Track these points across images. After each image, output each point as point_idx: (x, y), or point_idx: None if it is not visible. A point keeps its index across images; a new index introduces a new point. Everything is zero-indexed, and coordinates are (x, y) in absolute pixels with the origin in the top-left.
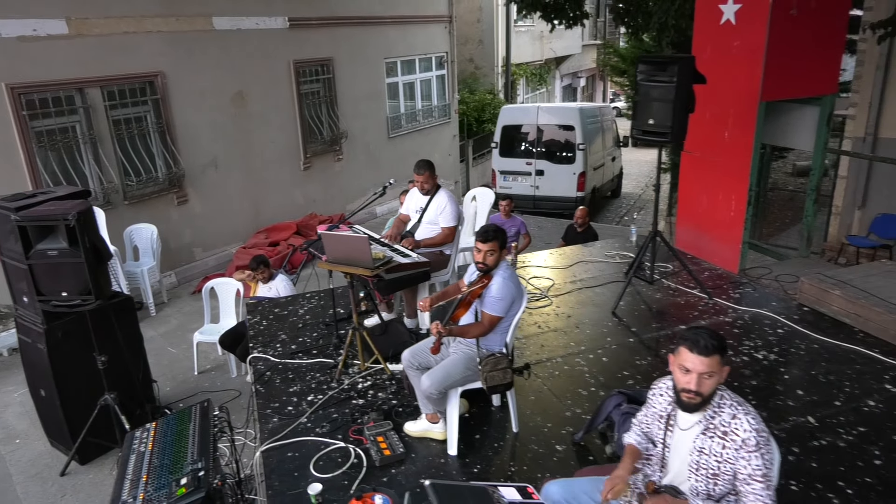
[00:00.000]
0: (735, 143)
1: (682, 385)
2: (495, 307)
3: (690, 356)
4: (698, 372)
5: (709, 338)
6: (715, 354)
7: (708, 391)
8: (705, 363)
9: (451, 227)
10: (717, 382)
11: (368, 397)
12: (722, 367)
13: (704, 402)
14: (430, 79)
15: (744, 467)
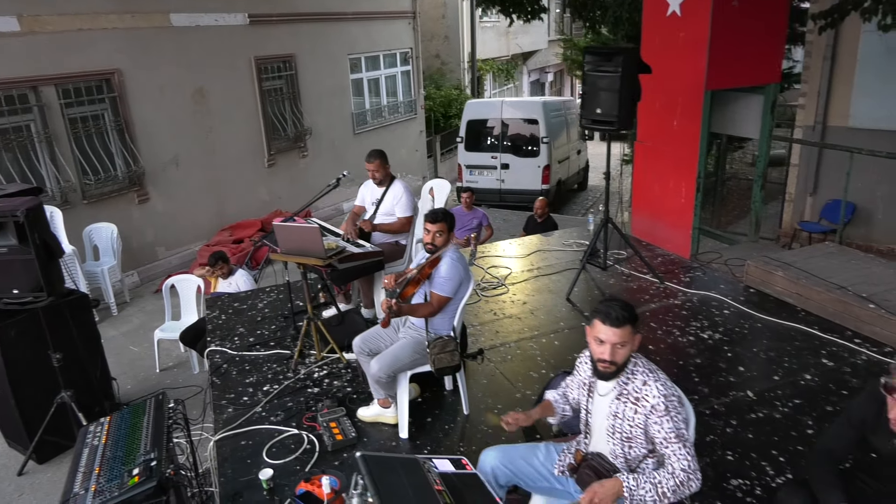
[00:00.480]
0: (683, 132)
1: (597, 355)
2: (444, 287)
3: (604, 328)
4: (611, 342)
5: (620, 309)
6: (626, 325)
7: (622, 360)
8: (617, 334)
9: (408, 217)
10: (629, 351)
11: (324, 386)
12: (634, 337)
13: (619, 370)
14: (396, 75)
15: (658, 432)
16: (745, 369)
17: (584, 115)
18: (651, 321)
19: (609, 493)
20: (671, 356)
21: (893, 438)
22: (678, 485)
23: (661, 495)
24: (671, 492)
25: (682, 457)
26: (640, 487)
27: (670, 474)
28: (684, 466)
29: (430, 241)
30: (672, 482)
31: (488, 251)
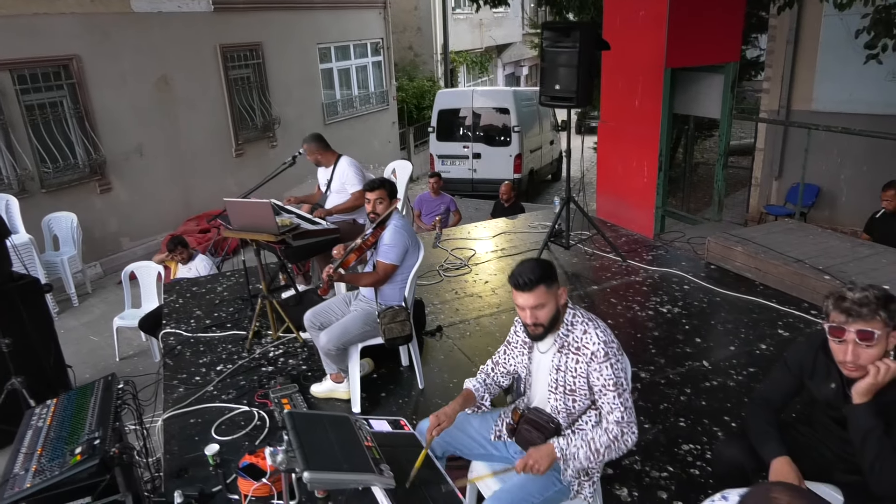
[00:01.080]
0: (645, 111)
1: (523, 320)
2: (389, 255)
3: (518, 294)
4: (529, 306)
5: (528, 273)
6: (537, 286)
7: (546, 319)
8: (532, 297)
9: (359, 191)
10: (553, 309)
11: (279, 364)
12: (553, 294)
13: (548, 328)
14: (367, 65)
15: (597, 379)
16: (702, 341)
17: (543, 91)
18: (611, 297)
19: (543, 456)
20: (629, 329)
21: (831, 383)
22: (612, 440)
23: (595, 452)
24: (604, 447)
25: (616, 406)
26: (572, 445)
27: (603, 430)
28: (618, 418)
29: (371, 210)
30: (605, 438)
31: (453, 234)
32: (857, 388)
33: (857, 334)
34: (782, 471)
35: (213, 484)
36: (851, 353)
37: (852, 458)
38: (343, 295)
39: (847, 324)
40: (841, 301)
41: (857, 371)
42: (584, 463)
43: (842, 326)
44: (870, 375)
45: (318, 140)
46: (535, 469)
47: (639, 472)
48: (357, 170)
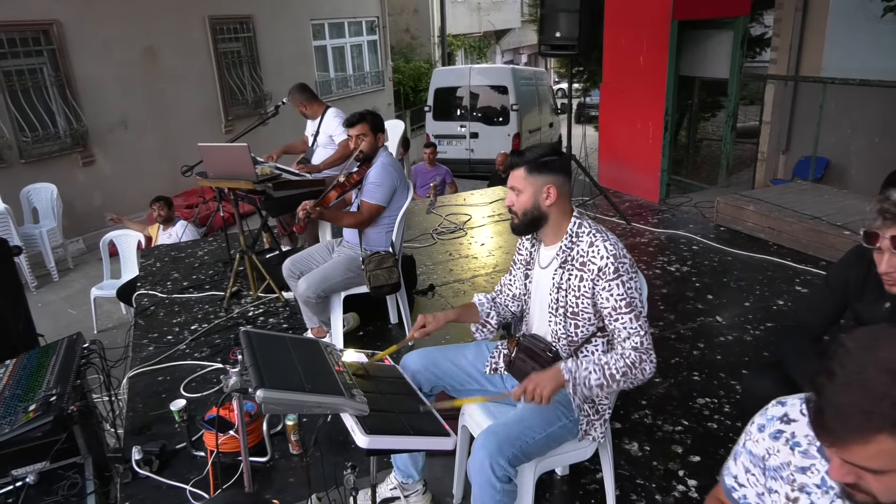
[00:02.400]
0: (650, 68)
1: None
2: (375, 194)
3: (510, 173)
4: (508, 186)
5: (518, 152)
6: (518, 168)
7: (519, 209)
8: (511, 178)
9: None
10: (528, 201)
11: (258, 324)
12: (533, 184)
13: (524, 224)
14: (362, 44)
15: (606, 300)
16: (714, 297)
17: (542, 40)
18: None
19: (548, 379)
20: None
21: (885, 303)
22: (629, 366)
23: (609, 377)
24: (620, 374)
25: (633, 331)
26: (582, 368)
27: (619, 355)
28: (636, 344)
29: (354, 145)
30: (622, 363)
31: (448, 201)
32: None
33: (892, 241)
34: None
35: (177, 441)
36: (887, 263)
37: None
38: (326, 242)
39: (881, 228)
40: (882, 202)
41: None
42: (596, 391)
43: (875, 231)
44: None
45: (304, 90)
46: (538, 394)
47: (650, 426)
48: (341, 119)
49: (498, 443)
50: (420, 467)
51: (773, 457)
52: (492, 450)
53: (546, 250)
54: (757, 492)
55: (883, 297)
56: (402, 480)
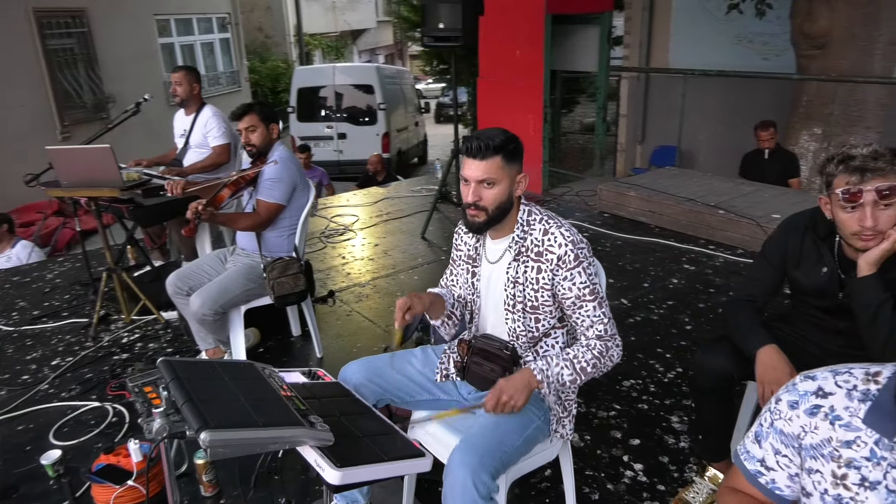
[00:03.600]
0: (527, 60)
1: (464, 200)
2: (273, 192)
3: (467, 161)
4: (476, 178)
5: (487, 137)
6: (493, 156)
7: (491, 203)
8: (481, 168)
9: (224, 146)
10: (504, 193)
11: (136, 350)
12: (509, 174)
13: (491, 219)
14: (213, 42)
15: (568, 289)
16: (615, 281)
17: (425, 31)
18: None
19: (519, 386)
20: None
21: (822, 268)
22: (597, 356)
23: (581, 371)
24: (591, 366)
25: (597, 319)
26: (555, 365)
27: (585, 347)
28: (600, 332)
29: (245, 140)
30: (589, 355)
31: (330, 203)
32: (868, 257)
33: (877, 193)
34: (771, 359)
35: (55, 501)
36: (871, 217)
37: (843, 349)
38: (214, 252)
39: (863, 183)
40: (849, 161)
41: (874, 239)
42: (570, 387)
43: (858, 188)
44: (887, 241)
45: (195, 73)
46: (511, 405)
47: (585, 414)
48: (222, 120)
49: (479, 457)
50: (366, 491)
51: (811, 434)
52: (474, 466)
53: (494, 244)
54: (790, 474)
55: (821, 262)
56: None
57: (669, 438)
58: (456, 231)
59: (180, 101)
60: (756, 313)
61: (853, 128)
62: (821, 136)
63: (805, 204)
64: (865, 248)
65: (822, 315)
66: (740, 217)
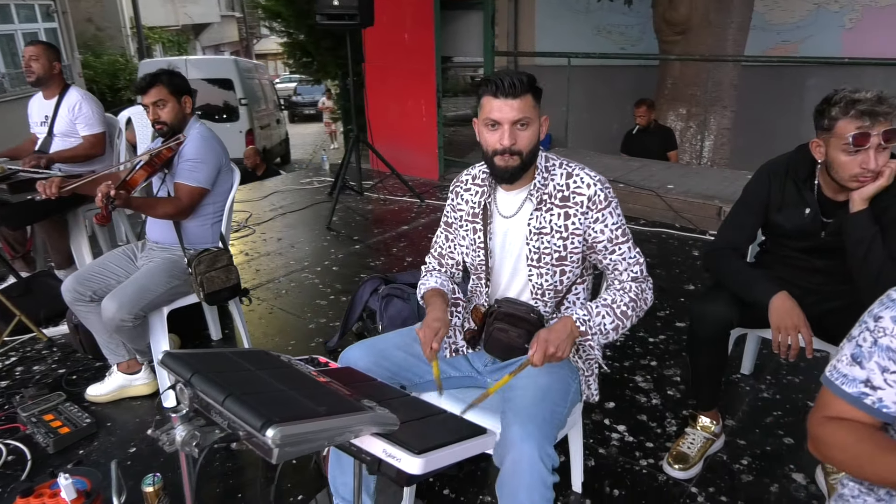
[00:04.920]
0: (417, 45)
1: (492, 147)
2: (195, 175)
3: (496, 102)
4: (509, 121)
5: (516, 74)
6: (526, 94)
7: (526, 146)
8: (515, 107)
9: (98, 136)
10: (535, 136)
11: (16, 376)
12: (538, 114)
13: (525, 164)
14: (38, 32)
15: (601, 231)
16: None
17: (318, 9)
18: (425, 232)
19: (563, 336)
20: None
21: (805, 209)
22: (634, 299)
23: (622, 315)
24: (630, 309)
25: (632, 261)
26: (595, 314)
27: (621, 290)
28: (635, 273)
29: (153, 118)
30: (627, 298)
31: None
32: (863, 192)
33: (883, 136)
34: (786, 305)
35: None
36: (874, 159)
37: (821, 286)
38: (119, 249)
39: (872, 127)
40: (854, 104)
41: (870, 180)
42: (612, 334)
43: (867, 131)
44: (882, 177)
45: (53, 49)
46: (558, 355)
47: None
48: (94, 106)
49: (539, 428)
50: (372, 490)
51: None
52: (538, 439)
53: (508, 196)
54: None
55: (802, 205)
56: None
57: (640, 397)
58: (452, 190)
59: (35, 80)
60: (742, 259)
61: (712, 107)
62: (685, 116)
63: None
64: (858, 188)
65: (801, 255)
66: (640, 189)
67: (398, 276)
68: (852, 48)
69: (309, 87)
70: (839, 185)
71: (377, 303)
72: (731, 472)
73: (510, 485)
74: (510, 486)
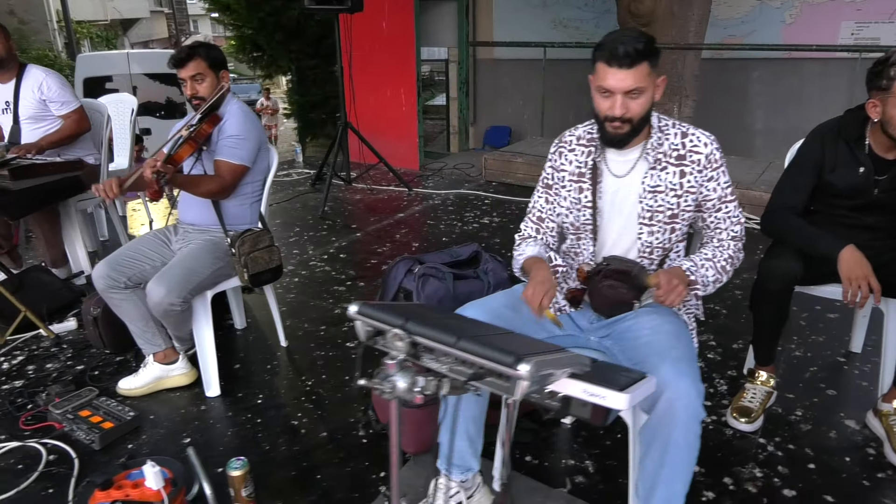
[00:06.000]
0: (396, 33)
1: (603, 113)
2: (237, 152)
3: (610, 70)
4: (622, 90)
5: (632, 41)
6: (641, 62)
7: (638, 114)
8: (630, 77)
9: (78, 109)
10: (650, 101)
11: (29, 375)
12: (653, 81)
13: (634, 130)
14: None
15: (713, 189)
16: None
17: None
18: (426, 220)
19: (681, 278)
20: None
21: (859, 168)
22: (731, 257)
23: (722, 270)
24: (730, 265)
25: (734, 219)
26: (700, 266)
27: (720, 247)
28: (735, 233)
29: (191, 93)
30: (726, 255)
31: None
32: None
33: None
34: (854, 257)
35: None
36: None
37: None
38: (150, 233)
39: None
40: None
41: None
42: (710, 287)
43: None
44: None
45: (4, 28)
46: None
47: None
48: (59, 78)
49: (690, 365)
50: (479, 452)
51: None
52: (692, 376)
53: (619, 155)
54: None
55: (856, 163)
56: (462, 478)
57: None
58: (556, 150)
59: None
60: (800, 217)
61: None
62: None
63: None
64: None
65: (851, 213)
66: None
67: (425, 256)
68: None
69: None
70: (894, 141)
71: (413, 283)
72: (789, 423)
73: (664, 426)
74: (664, 427)
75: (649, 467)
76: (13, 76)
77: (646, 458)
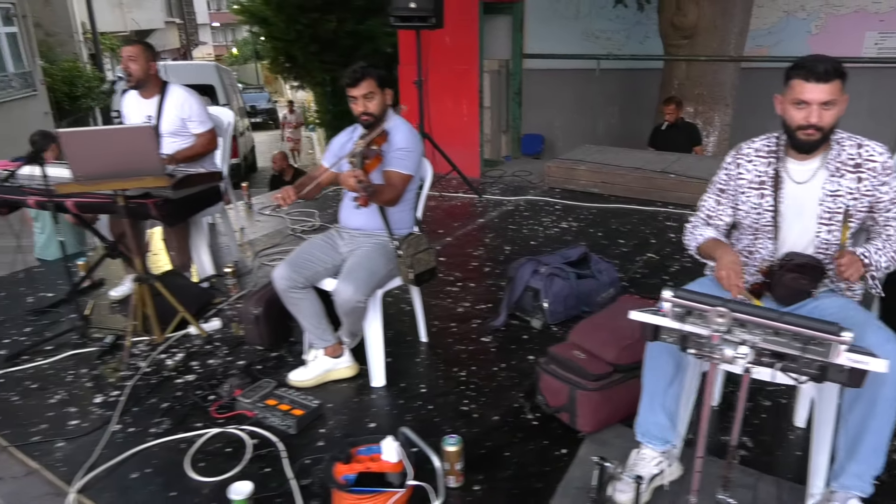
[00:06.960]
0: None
1: (797, 122)
2: (405, 163)
3: (808, 86)
4: (818, 102)
5: (829, 61)
6: (835, 79)
7: (829, 124)
8: (825, 91)
9: (212, 132)
10: (838, 114)
11: (195, 370)
12: (843, 96)
13: (824, 137)
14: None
15: (885, 193)
16: (625, 241)
17: (392, 10)
18: (507, 224)
19: (856, 262)
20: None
21: None
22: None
23: (892, 258)
24: None
25: None
26: (874, 253)
27: (888, 238)
28: None
29: (361, 110)
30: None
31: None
32: None
33: None
34: None
35: None
36: None
37: None
38: (318, 237)
39: None
40: None
41: None
42: (883, 271)
43: None
44: None
45: (152, 48)
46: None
47: None
48: (200, 100)
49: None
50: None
51: None
52: None
53: (800, 164)
54: None
55: None
56: (662, 449)
57: None
58: (735, 159)
59: (136, 83)
60: None
61: (716, 105)
62: (692, 114)
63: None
64: None
65: None
66: (689, 178)
67: (544, 258)
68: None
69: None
70: None
71: (540, 282)
72: None
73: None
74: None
75: (853, 421)
76: (155, 93)
77: (850, 413)
